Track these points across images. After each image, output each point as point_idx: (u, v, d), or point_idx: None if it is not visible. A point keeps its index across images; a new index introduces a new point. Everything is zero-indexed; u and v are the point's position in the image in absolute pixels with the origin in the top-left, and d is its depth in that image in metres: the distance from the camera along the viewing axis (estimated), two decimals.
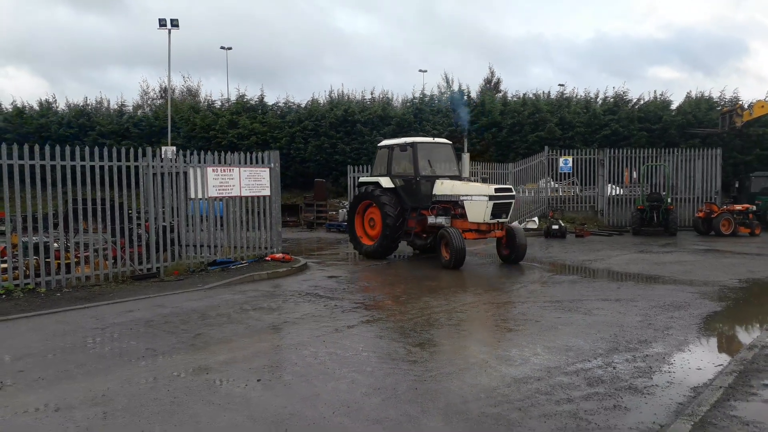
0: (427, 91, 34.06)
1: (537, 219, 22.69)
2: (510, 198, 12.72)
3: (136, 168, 10.96)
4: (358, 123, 30.71)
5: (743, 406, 4.43)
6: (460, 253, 11.93)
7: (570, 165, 24.33)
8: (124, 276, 10.52)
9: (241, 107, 33.08)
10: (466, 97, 32.36)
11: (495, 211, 12.39)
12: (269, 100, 33.91)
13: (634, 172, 23.68)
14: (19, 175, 9.37)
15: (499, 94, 34.86)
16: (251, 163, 12.95)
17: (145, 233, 11.06)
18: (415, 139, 13.82)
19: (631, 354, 5.94)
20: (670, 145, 25.56)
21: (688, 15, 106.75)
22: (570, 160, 24.35)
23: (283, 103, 33.69)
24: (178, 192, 11.71)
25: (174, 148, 23.46)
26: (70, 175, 9.94)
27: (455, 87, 33.51)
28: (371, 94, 33.44)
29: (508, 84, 53.53)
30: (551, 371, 5.38)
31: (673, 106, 29.68)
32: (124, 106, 36.11)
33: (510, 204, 12.77)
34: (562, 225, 19.79)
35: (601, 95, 31.40)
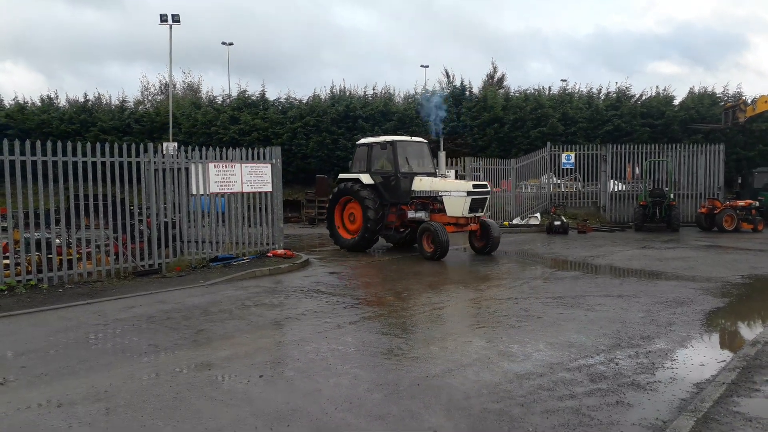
0: (429, 87, 34.06)
1: (539, 215, 22.66)
2: (486, 194, 13.74)
3: (138, 164, 10.95)
4: (359, 119, 30.66)
5: (746, 402, 4.42)
6: (444, 246, 12.73)
7: (572, 161, 24.28)
8: (126, 272, 10.52)
9: (243, 103, 33.01)
10: (468, 92, 32.28)
11: (473, 205, 13.31)
12: (270, 96, 33.86)
13: (637, 168, 23.64)
14: (21, 171, 9.36)
15: (502, 90, 34.77)
16: (253, 158, 12.93)
17: (147, 229, 11.06)
18: (394, 138, 14.53)
19: (634, 350, 5.93)
20: (673, 141, 25.47)
21: (688, 10, 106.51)
22: (572, 155, 24.30)
23: (285, 98, 33.62)
24: (180, 188, 11.69)
25: (175, 144, 23.45)
26: (72, 171, 9.93)
27: (457, 82, 33.42)
28: (373, 89, 33.39)
29: (509, 79, 53.73)
30: (554, 367, 5.37)
31: (676, 102, 29.55)
32: (125, 102, 36.06)
33: (486, 199, 13.77)
34: (564, 221, 19.76)
35: (603, 91, 31.28)
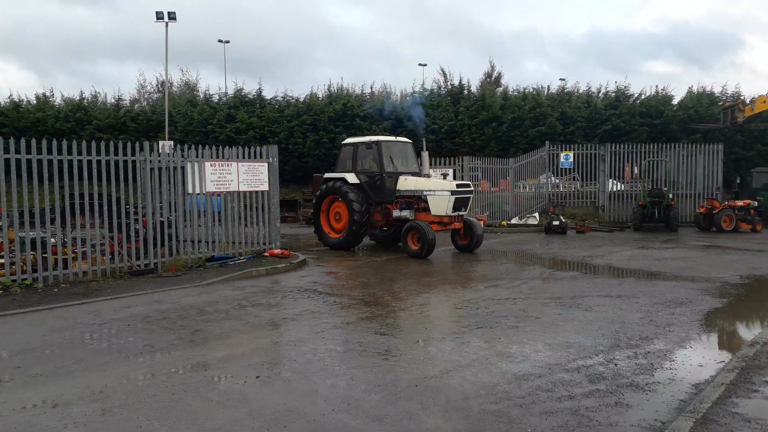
0: (426, 86, 33.99)
1: (537, 215, 22.64)
2: (469, 193, 13.97)
3: (134, 162, 10.90)
4: (357, 117, 30.61)
5: (745, 402, 4.40)
6: (431, 243, 12.98)
7: (571, 160, 24.26)
8: (122, 272, 10.47)
9: (239, 101, 32.94)
10: (466, 91, 32.25)
11: (456, 204, 13.54)
12: (267, 94, 33.82)
13: (635, 168, 23.62)
14: (16, 169, 9.31)
15: (500, 89, 34.75)
16: (249, 157, 12.88)
17: (143, 228, 11.01)
18: (379, 138, 14.68)
19: (633, 351, 5.91)
20: (672, 141, 25.46)
21: (683, 9, 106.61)
22: (571, 155, 24.28)
23: (282, 97, 33.58)
24: (176, 187, 11.64)
25: (171, 143, 23.40)
26: (67, 170, 9.87)
27: (455, 81, 33.40)
28: (371, 88, 33.41)
29: (505, 78, 53.69)
30: (552, 368, 5.34)
31: (675, 101, 29.55)
32: (121, 100, 36.01)
33: (469, 198, 14.02)
34: (563, 221, 19.73)
35: (602, 90, 31.29)
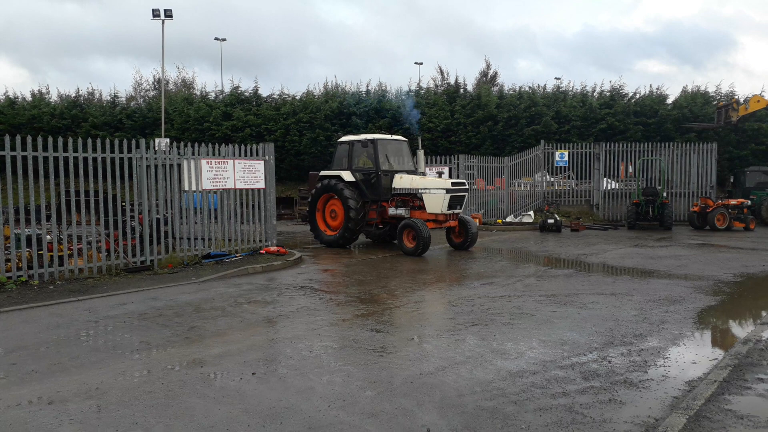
0: (423, 84, 33.99)
1: (532, 213, 22.70)
2: (464, 191, 14.03)
3: (130, 160, 10.89)
4: (353, 115, 30.60)
5: (738, 399, 4.44)
6: (426, 241, 13.02)
7: (566, 159, 24.33)
8: (118, 269, 10.46)
9: (236, 99, 32.89)
10: (462, 90, 32.27)
11: (451, 202, 13.57)
12: (264, 92, 33.78)
13: (630, 166, 23.72)
14: (11, 166, 9.29)
15: (495, 88, 34.78)
16: (246, 155, 12.88)
17: (139, 226, 11.00)
18: (375, 136, 14.65)
19: (627, 348, 5.95)
20: (666, 140, 25.56)
21: (676, 8, 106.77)
22: (566, 153, 24.35)
23: (278, 95, 33.55)
24: (172, 184, 11.63)
25: (168, 140, 23.34)
26: (63, 167, 9.85)
27: (451, 80, 33.42)
28: (367, 86, 33.33)
29: (501, 77, 53.66)
30: (547, 365, 5.38)
31: (669, 101, 29.64)
32: (117, 97, 35.90)
33: (464, 196, 14.07)
34: (558, 219, 19.79)
35: (597, 89, 31.36)
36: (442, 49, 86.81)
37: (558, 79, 39.55)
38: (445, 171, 18.82)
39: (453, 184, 13.70)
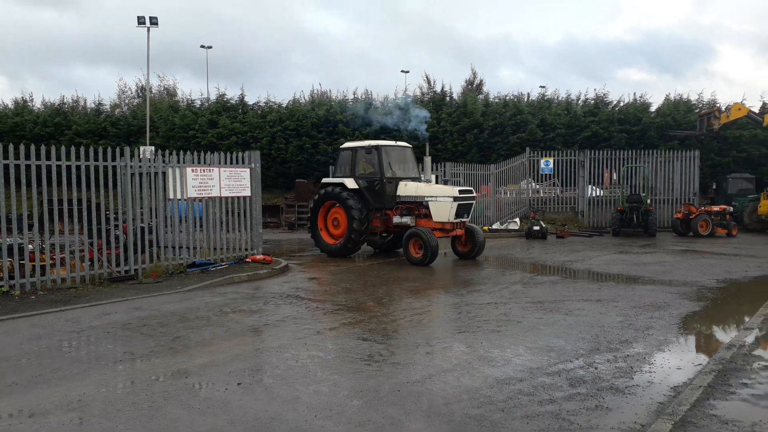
0: (410, 92, 34.16)
1: (518, 220, 22.81)
2: (471, 199, 13.64)
3: (114, 168, 10.79)
4: (340, 123, 30.61)
5: (722, 405, 4.47)
6: (434, 251, 12.59)
7: (551, 166, 24.49)
8: (101, 278, 10.34)
9: (222, 107, 32.76)
10: (448, 98, 32.42)
11: (459, 211, 13.19)
12: (249, 100, 33.69)
13: (614, 174, 23.93)
14: None
15: (481, 96, 35.00)
16: (231, 163, 12.82)
17: (123, 234, 10.89)
18: (379, 142, 14.30)
19: (613, 354, 5.97)
20: (650, 147, 25.85)
21: (655, 18, 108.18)
22: (551, 161, 24.51)
23: (264, 102, 33.48)
24: (157, 192, 11.54)
25: (152, 148, 23.15)
26: (46, 175, 9.74)
27: (437, 88, 33.60)
28: (353, 94, 33.39)
29: (486, 85, 53.77)
30: (533, 372, 5.38)
31: (652, 109, 30.01)
32: (101, 105, 35.60)
33: (471, 204, 13.67)
34: (543, 226, 19.91)
35: (581, 97, 31.68)
36: (425, 56, 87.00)
37: (543, 87, 39.89)
38: (432, 178, 18.90)
39: (460, 192, 13.35)
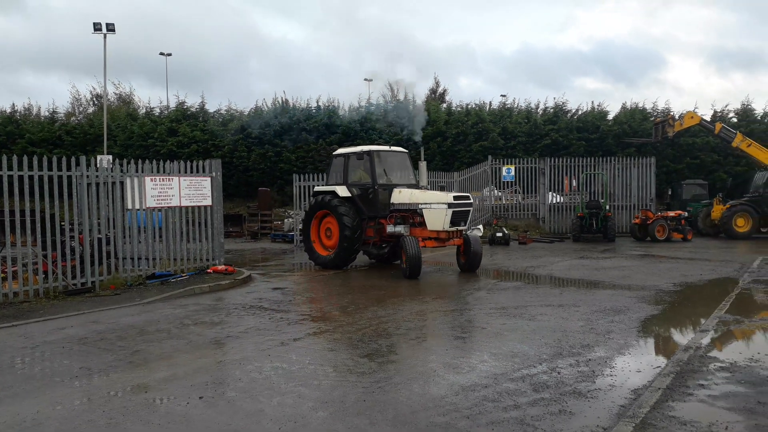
0: (373, 100, 34.21)
1: (481, 227, 23.01)
2: (468, 206, 12.74)
3: (69, 178, 10.48)
4: (303, 131, 30.46)
5: (681, 406, 4.57)
6: (413, 260, 11.69)
7: (512, 174, 24.87)
8: (56, 291, 10.00)
9: (182, 114, 32.26)
10: (411, 106, 32.63)
11: (454, 218, 12.35)
12: (210, 108, 33.29)
13: (574, 181, 24.45)
14: None
15: (444, 105, 35.35)
16: (192, 172, 12.60)
17: (79, 246, 10.57)
18: (371, 148, 13.70)
19: (575, 359, 6.05)
20: (607, 154, 26.53)
21: (607, 28, 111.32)
22: (512, 169, 24.90)
23: (225, 110, 33.12)
24: (115, 202, 11.25)
25: (110, 157, 22.64)
26: None
27: (401, 96, 33.78)
28: (317, 102, 33.31)
29: (448, 94, 54.17)
30: (498, 378, 5.41)
31: (610, 117, 30.85)
32: (55, 113, 34.66)
33: (468, 212, 12.76)
34: (506, 232, 20.17)
35: (541, 106, 32.34)
36: (383, 64, 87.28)
37: (504, 96, 40.56)
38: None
39: (455, 198, 12.45)
